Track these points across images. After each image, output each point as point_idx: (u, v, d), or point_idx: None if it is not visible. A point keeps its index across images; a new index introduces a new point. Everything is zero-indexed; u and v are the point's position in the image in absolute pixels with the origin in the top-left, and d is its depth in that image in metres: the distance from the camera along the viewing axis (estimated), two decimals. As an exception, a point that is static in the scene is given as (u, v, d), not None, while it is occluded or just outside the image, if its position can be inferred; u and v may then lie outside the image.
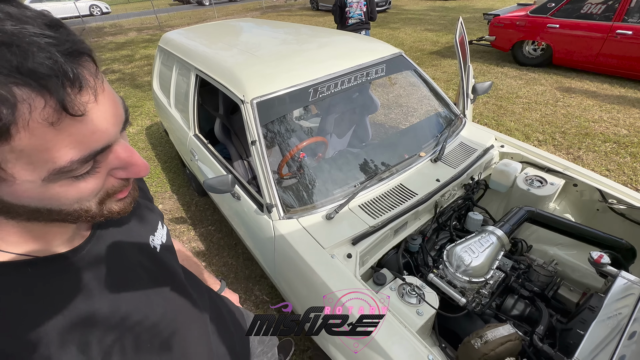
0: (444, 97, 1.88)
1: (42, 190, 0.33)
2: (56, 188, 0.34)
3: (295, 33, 2.25)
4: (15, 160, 0.30)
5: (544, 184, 1.48)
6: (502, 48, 5.34)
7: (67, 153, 0.31)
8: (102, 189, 0.39)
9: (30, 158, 0.30)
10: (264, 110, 1.40)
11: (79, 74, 0.31)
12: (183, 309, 0.61)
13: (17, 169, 0.30)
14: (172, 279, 0.59)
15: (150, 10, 13.62)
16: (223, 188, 1.32)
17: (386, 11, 11.12)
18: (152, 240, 0.57)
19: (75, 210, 0.37)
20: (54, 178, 0.32)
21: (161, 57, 2.69)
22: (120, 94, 5.40)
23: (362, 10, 3.89)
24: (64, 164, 0.32)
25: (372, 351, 0.89)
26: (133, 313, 0.48)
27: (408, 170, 1.46)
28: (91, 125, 0.33)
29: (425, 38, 7.42)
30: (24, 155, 0.30)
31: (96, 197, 0.38)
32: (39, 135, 0.30)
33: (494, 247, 1.12)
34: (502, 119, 3.75)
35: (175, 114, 2.32)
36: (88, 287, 0.44)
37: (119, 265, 0.49)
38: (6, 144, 0.29)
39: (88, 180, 0.36)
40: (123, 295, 0.48)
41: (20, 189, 0.32)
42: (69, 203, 0.36)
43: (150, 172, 3.29)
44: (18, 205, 0.34)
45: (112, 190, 0.40)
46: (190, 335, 0.62)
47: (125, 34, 10.51)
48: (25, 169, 0.31)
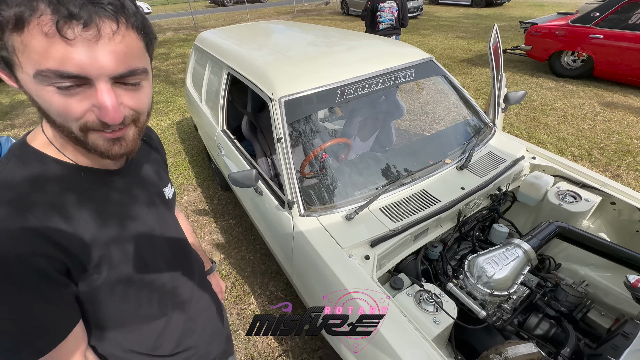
0: (473, 105, 1.83)
1: (36, 87, 0.41)
2: (44, 91, 0.42)
3: (325, 35, 2.27)
4: (21, 52, 0.40)
5: (578, 200, 1.40)
6: (538, 58, 5.13)
7: (47, 61, 0.39)
8: (82, 119, 0.45)
9: (28, 54, 0.39)
10: (291, 109, 1.43)
11: (89, 15, 0.39)
12: (185, 250, 0.73)
13: (22, 59, 0.40)
14: (175, 224, 0.72)
15: (187, 11, 14.24)
16: (247, 182, 1.35)
17: (417, 17, 10.99)
18: (165, 191, 0.71)
19: (62, 124, 0.45)
20: (40, 79, 0.40)
21: (196, 55, 2.81)
22: (155, 89, 5.67)
23: (393, 16, 3.87)
24: (43, 68, 0.40)
25: (385, 354, 0.88)
26: (142, 240, 0.59)
27: (432, 176, 1.43)
28: (74, 52, 0.40)
29: (456, 45, 7.26)
30: (25, 50, 0.39)
31: (76, 123, 0.45)
32: (36, 38, 0.38)
33: (520, 261, 1.07)
34: (534, 131, 3.59)
35: (205, 110, 2.41)
36: (121, 204, 0.57)
37: (143, 192, 0.63)
38: (18, 35, 0.39)
39: (67, 98, 0.43)
40: (138, 220, 0.59)
41: (25, 79, 0.41)
42: (55, 112, 0.43)
43: (178, 164, 3.42)
44: (33, 100, 0.43)
45: (90, 124, 0.45)
46: (184, 285, 0.71)
47: (163, 33, 11.03)
48: (25, 61, 0.40)
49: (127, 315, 0.60)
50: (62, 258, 0.46)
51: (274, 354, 1.70)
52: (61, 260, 0.46)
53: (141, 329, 0.63)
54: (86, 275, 0.51)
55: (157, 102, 5.07)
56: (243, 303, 1.98)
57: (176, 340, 0.69)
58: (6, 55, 0.41)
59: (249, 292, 2.04)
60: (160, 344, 0.67)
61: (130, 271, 0.56)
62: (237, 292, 2.05)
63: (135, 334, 0.63)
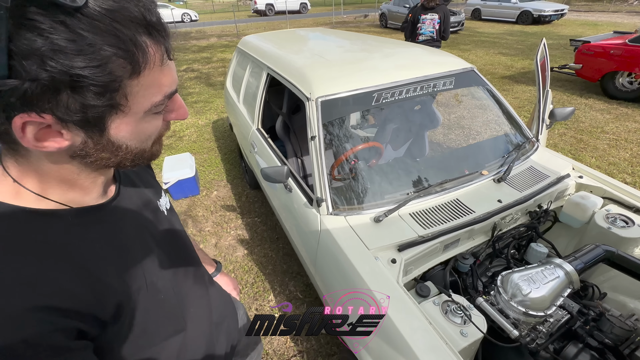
0: (515, 118, 1.76)
1: (137, 123, 0.40)
2: (145, 123, 0.41)
3: (363, 42, 2.30)
4: (136, 94, 0.38)
5: (631, 225, 1.28)
6: (589, 78, 4.82)
7: (163, 89, 0.40)
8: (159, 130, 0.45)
9: (145, 91, 0.38)
10: (327, 109, 1.45)
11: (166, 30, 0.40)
12: (186, 266, 0.67)
13: (134, 101, 0.38)
14: (176, 238, 0.66)
15: (231, 20, 15.02)
16: (278, 178, 1.38)
17: (457, 32, 10.79)
18: (159, 203, 0.64)
19: (144, 148, 0.44)
20: (150, 110, 0.40)
21: (237, 58, 2.95)
22: (196, 89, 6.01)
23: (434, 28, 3.82)
24: (161, 98, 0.40)
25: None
26: (149, 266, 0.53)
27: (467, 186, 1.38)
28: (172, 70, 0.42)
29: (498, 62, 7.03)
30: (142, 89, 0.38)
31: (152, 138, 0.45)
32: (154, 74, 0.38)
33: (560, 281, 1.00)
34: (580, 154, 3.36)
35: (242, 109, 2.51)
36: (118, 238, 0.49)
37: (137, 221, 0.55)
38: (135, 79, 0.37)
39: (159, 117, 0.43)
40: (141, 249, 0.53)
41: (125, 122, 0.39)
42: (144, 139, 0.43)
43: (211, 161, 3.57)
44: (110, 141, 0.40)
45: (162, 131, 0.47)
46: (190, 289, 0.67)
47: (207, 39, 11.71)
48: (139, 101, 0.39)
49: (146, 347, 0.54)
50: (74, 324, 0.39)
51: (288, 353, 1.69)
52: (74, 327, 0.39)
53: (155, 354, 0.57)
54: (105, 328, 0.44)
55: (196, 101, 5.37)
56: (262, 299, 1.99)
57: (199, 352, 0.66)
58: (105, 110, 0.36)
59: (268, 290, 2.06)
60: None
61: (146, 305, 0.50)
62: (257, 287, 2.07)
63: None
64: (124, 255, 0.49)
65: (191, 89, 6.08)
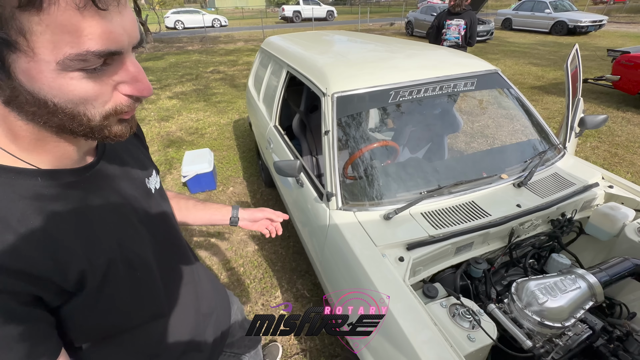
0: (541, 123, 1.67)
1: (54, 76, 0.33)
2: (67, 79, 0.34)
3: (386, 44, 2.28)
4: (40, 34, 0.31)
5: (666, 241, 1.17)
6: (627, 90, 4.54)
7: (85, 42, 0.32)
8: (110, 103, 0.39)
9: (54, 36, 0.31)
10: (342, 105, 1.44)
11: None
12: (172, 249, 0.64)
13: (38, 44, 0.31)
14: (163, 219, 0.62)
15: (259, 26, 15.44)
16: (290, 171, 1.38)
17: (486, 42, 10.53)
18: (148, 182, 0.60)
19: (79, 113, 0.37)
20: (67, 65, 0.33)
21: (260, 57, 3.01)
22: (220, 90, 6.19)
23: (459, 34, 3.75)
24: (80, 51, 0.32)
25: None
26: (126, 240, 0.50)
27: (484, 189, 1.32)
28: (110, 25, 0.34)
29: (527, 72, 6.78)
30: (48, 31, 0.31)
31: (103, 108, 0.38)
32: (65, 15, 0.31)
33: (581, 293, 0.93)
34: (614, 168, 3.15)
35: (261, 107, 2.55)
36: (91, 207, 0.46)
37: (118, 194, 0.52)
38: (35, 14, 0.30)
39: (96, 82, 0.36)
40: (119, 222, 0.50)
41: (35, 68, 0.33)
42: (75, 101, 0.36)
43: (229, 158, 3.64)
44: (28, 91, 0.34)
45: (120, 107, 0.40)
46: (176, 274, 0.64)
47: (235, 43, 12.08)
48: (45, 46, 0.31)
49: (118, 326, 0.52)
50: (27, 288, 0.37)
51: (291, 350, 1.67)
52: (27, 291, 0.37)
53: (134, 338, 0.56)
54: (69, 298, 0.43)
55: (219, 102, 5.53)
56: (269, 295, 1.99)
57: (183, 342, 0.64)
58: None
59: (276, 286, 2.05)
60: (164, 350, 0.61)
61: (117, 280, 0.48)
62: (265, 283, 2.07)
63: (128, 344, 0.56)
64: (95, 224, 0.46)
65: (216, 89, 6.28)
